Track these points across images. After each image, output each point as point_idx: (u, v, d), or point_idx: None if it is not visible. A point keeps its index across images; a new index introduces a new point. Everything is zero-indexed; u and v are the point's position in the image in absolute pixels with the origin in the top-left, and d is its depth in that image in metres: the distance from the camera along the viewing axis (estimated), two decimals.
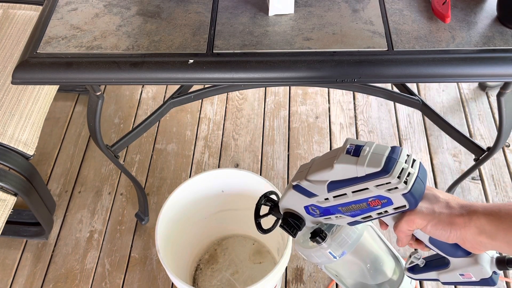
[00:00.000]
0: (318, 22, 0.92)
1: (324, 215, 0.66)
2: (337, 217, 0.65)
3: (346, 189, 0.60)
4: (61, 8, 0.98)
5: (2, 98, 1.29)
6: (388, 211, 0.60)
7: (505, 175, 1.61)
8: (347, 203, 0.62)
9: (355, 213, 0.62)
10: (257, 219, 0.77)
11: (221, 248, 1.48)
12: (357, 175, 0.58)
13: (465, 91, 1.84)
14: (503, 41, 0.87)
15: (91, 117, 1.12)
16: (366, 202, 0.60)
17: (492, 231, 0.55)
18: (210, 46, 0.89)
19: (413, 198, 0.57)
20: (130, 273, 1.46)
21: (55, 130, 1.80)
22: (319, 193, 0.63)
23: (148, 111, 1.84)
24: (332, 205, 0.63)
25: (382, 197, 0.58)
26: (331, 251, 0.70)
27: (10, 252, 1.51)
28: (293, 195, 0.66)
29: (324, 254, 0.70)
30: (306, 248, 0.73)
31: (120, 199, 1.62)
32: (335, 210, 0.64)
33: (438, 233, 0.58)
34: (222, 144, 1.74)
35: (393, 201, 0.58)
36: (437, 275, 0.68)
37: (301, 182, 0.64)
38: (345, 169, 0.59)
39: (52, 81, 0.91)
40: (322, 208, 0.65)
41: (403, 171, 0.57)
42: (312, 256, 0.72)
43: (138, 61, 0.88)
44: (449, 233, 0.57)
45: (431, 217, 0.58)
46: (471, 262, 0.62)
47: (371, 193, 0.58)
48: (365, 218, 0.63)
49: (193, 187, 1.23)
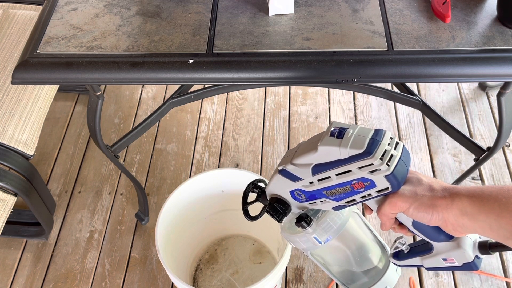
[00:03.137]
0: (318, 22, 0.92)
1: (309, 200, 0.66)
2: (322, 201, 0.65)
3: (330, 171, 0.60)
4: (61, 8, 0.98)
5: (2, 98, 1.29)
6: (372, 194, 0.60)
7: (505, 175, 1.61)
8: (331, 187, 0.62)
9: (339, 197, 0.63)
10: (244, 206, 0.77)
11: (221, 248, 1.48)
12: (341, 157, 0.59)
13: (465, 91, 1.84)
14: (503, 41, 0.87)
15: (91, 117, 1.12)
16: (350, 185, 0.60)
17: (474, 213, 0.54)
18: (210, 46, 0.89)
19: (395, 180, 0.58)
20: (130, 273, 1.46)
21: (55, 130, 1.80)
22: (304, 176, 0.63)
23: (148, 111, 1.84)
24: (317, 189, 0.63)
25: (365, 179, 0.58)
26: (316, 236, 0.69)
27: (10, 252, 1.51)
28: (279, 179, 0.66)
29: (309, 240, 0.70)
30: (292, 234, 0.73)
31: (120, 199, 1.62)
32: (320, 194, 0.64)
33: (420, 215, 0.58)
34: (222, 144, 1.74)
35: (376, 183, 0.58)
36: (421, 260, 0.68)
37: (286, 166, 0.64)
38: (329, 151, 0.59)
39: (52, 81, 0.91)
40: (307, 192, 0.65)
41: (386, 153, 0.57)
42: (297, 241, 0.72)
43: (138, 61, 0.88)
44: (431, 215, 0.57)
45: (413, 199, 0.58)
46: (454, 246, 0.62)
47: (354, 175, 0.59)
48: (349, 202, 0.63)
49: (193, 187, 1.23)
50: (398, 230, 0.65)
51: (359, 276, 0.76)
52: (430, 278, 1.41)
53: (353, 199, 0.63)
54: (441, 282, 1.40)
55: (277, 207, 0.69)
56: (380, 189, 0.59)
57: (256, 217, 0.76)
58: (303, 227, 0.69)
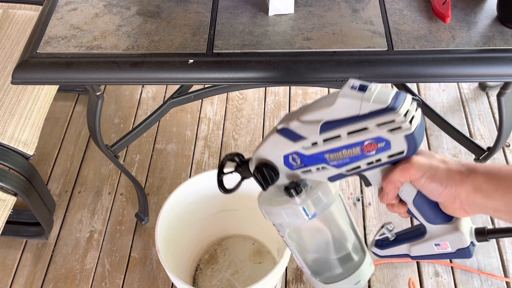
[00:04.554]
0: (318, 22, 0.92)
1: (304, 166, 0.61)
2: (319, 168, 0.60)
3: (342, 129, 0.55)
4: (61, 8, 0.98)
5: (2, 98, 1.29)
6: (381, 159, 0.56)
7: None
8: (337, 149, 0.57)
9: (343, 162, 0.58)
10: (220, 175, 0.71)
11: (221, 248, 1.48)
12: (359, 113, 0.54)
13: (465, 91, 1.84)
14: (503, 41, 0.87)
15: (91, 117, 1.12)
16: (360, 146, 0.56)
17: (489, 190, 0.52)
18: (210, 46, 0.89)
19: (413, 143, 0.54)
20: (130, 273, 1.46)
21: (55, 130, 1.80)
22: (308, 135, 0.58)
23: (148, 111, 1.84)
24: (319, 151, 0.58)
25: (381, 139, 0.54)
26: (305, 208, 0.63)
27: (10, 252, 1.51)
28: (276, 140, 0.61)
29: (295, 212, 0.63)
30: (275, 205, 0.65)
31: (120, 199, 1.62)
32: (319, 159, 0.59)
33: (432, 187, 0.55)
34: (222, 144, 1.74)
35: (392, 144, 0.54)
36: (409, 247, 0.64)
37: (290, 124, 0.59)
38: (348, 105, 0.55)
39: (52, 81, 0.91)
40: (305, 156, 0.60)
41: (408, 112, 0.53)
42: (280, 214, 0.65)
43: (138, 61, 0.87)
44: (444, 188, 0.54)
45: (427, 168, 0.55)
46: (450, 230, 0.59)
47: (369, 134, 0.54)
48: (352, 169, 0.58)
49: (193, 187, 1.23)
50: (395, 207, 0.61)
51: (334, 265, 0.71)
52: (430, 278, 1.41)
53: (357, 166, 0.58)
54: (441, 282, 1.40)
55: (265, 172, 0.63)
56: (393, 153, 0.55)
57: (232, 190, 0.71)
58: (291, 195, 0.62)
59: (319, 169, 0.60)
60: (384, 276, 1.42)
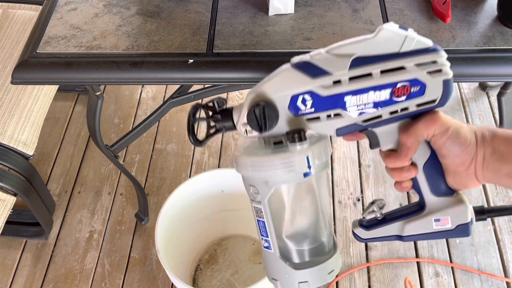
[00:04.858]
0: (318, 22, 0.92)
1: (314, 112, 0.53)
2: (330, 116, 0.53)
3: (376, 66, 0.50)
4: (60, 8, 0.97)
5: (2, 98, 1.29)
6: (409, 108, 0.52)
7: None
8: (363, 90, 0.51)
9: (363, 109, 0.52)
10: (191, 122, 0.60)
11: (221, 248, 1.48)
12: (400, 50, 0.50)
13: (465, 91, 1.84)
14: (503, 41, 0.87)
15: (90, 117, 1.12)
16: (391, 89, 0.51)
17: (505, 153, 0.51)
18: (210, 46, 0.89)
19: (449, 90, 0.51)
20: (130, 273, 1.46)
21: (54, 130, 1.79)
22: (335, 70, 0.51)
23: (148, 111, 1.83)
24: (340, 92, 0.51)
25: (417, 82, 0.50)
26: (309, 157, 0.54)
27: (9, 252, 1.51)
28: (289, 76, 0.53)
29: (295, 163, 0.53)
30: (268, 156, 0.55)
31: (120, 199, 1.62)
32: (337, 102, 0.52)
33: (453, 145, 0.52)
34: (222, 144, 1.74)
35: (427, 89, 0.50)
36: (401, 227, 0.58)
37: (314, 57, 0.52)
38: (390, 40, 0.50)
39: (52, 81, 0.91)
40: (320, 98, 0.52)
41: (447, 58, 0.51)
42: (274, 166, 0.54)
43: (138, 61, 0.87)
44: (465, 148, 0.52)
45: (453, 124, 0.52)
46: (454, 202, 0.56)
47: (406, 74, 0.50)
48: (370, 120, 0.53)
49: (193, 187, 1.23)
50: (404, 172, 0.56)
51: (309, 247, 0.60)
52: (430, 278, 1.41)
53: (378, 116, 0.52)
54: (441, 282, 1.40)
55: (266, 112, 0.54)
56: (424, 102, 0.52)
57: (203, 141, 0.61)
58: (293, 141, 0.53)
59: (331, 117, 0.53)
60: (384, 276, 1.42)
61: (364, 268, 1.44)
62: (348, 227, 1.52)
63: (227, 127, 0.60)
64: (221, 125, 0.60)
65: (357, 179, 1.62)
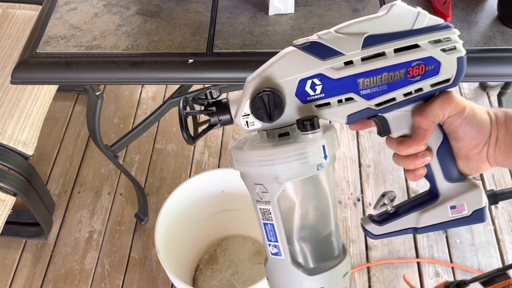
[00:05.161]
0: (318, 22, 0.92)
1: (324, 97, 0.50)
2: (342, 101, 0.50)
3: (389, 44, 0.48)
4: (60, 8, 0.97)
5: (2, 98, 1.29)
6: (423, 89, 0.50)
7: (506, 175, 1.61)
8: (376, 71, 0.49)
9: (377, 91, 0.50)
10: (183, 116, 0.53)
11: (221, 248, 1.47)
12: (413, 27, 0.48)
13: (466, 90, 1.84)
14: (503, 40, 0.87)
15: (90, 117, 1.11)
16: (405, 68, 0.49)
17: None
18: (210, 45, 0.89)
19: (462, 68, 0.49)
20: (130, 273, 1.46)
21: (54, 130, 1.79)
22: (346, 50, 0.48)
23: (148, 111, 1.83)
24: (352, 73, 0.49)
25: (432, 60, 0.49)
26: (325, 146, 0.49)
27: (9, 252, 1.50)
28: (296, 58, 0.49)
29: (312, 152, 0.48)
30: (277, 148, 0.48)
31: (120, 199, 1.62)
32: (349, 86, 0.49)
33: (469, 127, 0.51)
34: (222, 144, 1.73)
35: (442, 68, 0.49)
36: (417, 217, 0.55)
37: (323, 36, 0.49)
38: (402, 17, 0.49)
39: (52, 81, 0.91)
40: (330, 81, 0.49)
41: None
42: (287, 158, 0.48)
43: (138, 61, 0.87)
44: (481, 129, 0.51)
45: (468, 103, 0.51)
46: (468, 187, 0.54)
47: (420, 53, 0.48)
48: (383, 103, 0.50)
49: (193, 187, 1.22)
50: (419, 158, 0.53)
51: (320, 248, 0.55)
52: (430, 279, 1.41)
53: (392, 98, 0.50)
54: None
55: (274, 98, 0.49)
56: (439, 81, 0.50)
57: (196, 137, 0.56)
58: (305, 130, 0.48)
59: (342, 102, 0.50)
60: (385, 277, 1.42)
61: (364, 268, 1.44)
62: (349, 227, 1.52)
63: (224, 121, 0.54)
64: (216, 119, 0.54)
65: (357, 179, 1.62)
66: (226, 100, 0.54)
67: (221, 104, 0.54)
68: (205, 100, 0.54)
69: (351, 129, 0.56)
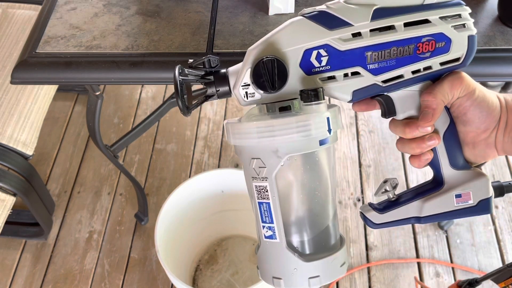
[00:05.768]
0: None
1: (330, 70, 0.48)
2: (348, 75, 0.48)
3: (399, 18, 0.47)
4: (60, 8, 0.97)
5: (1, 98, 1.29)
6: (433, 67, 0.49)
7: (506, 175, 1.61)
8: (385, 45, 0.48)
9: (385, 66, 0.48)
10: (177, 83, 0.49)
11: (221, 248, 1.47)
12: (424, 1, 0.47)
13: None
14: (504, 40, 0.87)
15: (90, 117, 1.11)
16: (415, 44, 0.48)
17: None
18: (210, 45, 0.89)
19: (473, 47, 0.49)
20: (130, 273, 1.46)
21: (54, 130, 1.79)
22: (355, 21, 0.47)
23: (148, 111, 1.83)
24: (360, 46, 0.47)
25: (442, 37, 0.48)
26: (330, 119, 0.47)
27: (9, 252, 1.50)
28: (303, 27, 0.47)
29: (316, 125, 0.46)
30: (278, 118, 0.46)
31: (120, 199, 1.61)
32: (356, 59, 0.48)
33: (482, 106, 0.49)
34: (222, 144, 1.73)
35: (452, 45, 0.48)
36: (419, 205, 0.53)
37: (331, 6, 0.48)
38: None
39: (51, 81, 0.91)
40: (337, 53, 0.48)
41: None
42: (289, 130, 0.45)
43: (138, 61, 0.87)
44: (491, 112, 0.49)
45: (478, 85, 0.50)
46: (474, 175, 0.52)
47: (431, 28, 0.47)
48: (391, 79, 0.49)
49: (193, 187, 1.22)
50: (426, 140, 0.51)
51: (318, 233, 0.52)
52: (431, 279, 1.41)
53: (399, 75, 0.49)
54: (441, 283, 1.40)
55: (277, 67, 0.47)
56: (449, 59, 0.49)
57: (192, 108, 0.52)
58: (309, 101, 0.46)
59: (348, 76, 0.49)
60: (385, 277, 1.41)
61: (364, 269, 1.44)
62: (349, 228, 1.52)
63: (221, 92, 0.51)
64: (213, 90, 0.51)
65: (358, 179, 1.62)
66: (225, 71, 0.52)
67: (219, 74, 0.51)
68: (203, 69, 0.51)
69: (354, 109, 0.55)
